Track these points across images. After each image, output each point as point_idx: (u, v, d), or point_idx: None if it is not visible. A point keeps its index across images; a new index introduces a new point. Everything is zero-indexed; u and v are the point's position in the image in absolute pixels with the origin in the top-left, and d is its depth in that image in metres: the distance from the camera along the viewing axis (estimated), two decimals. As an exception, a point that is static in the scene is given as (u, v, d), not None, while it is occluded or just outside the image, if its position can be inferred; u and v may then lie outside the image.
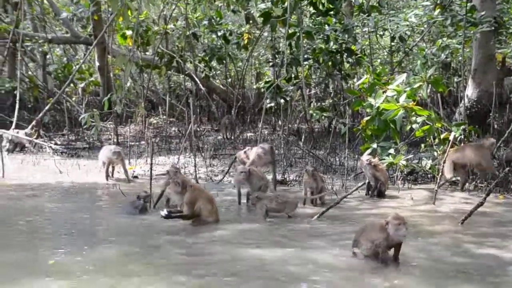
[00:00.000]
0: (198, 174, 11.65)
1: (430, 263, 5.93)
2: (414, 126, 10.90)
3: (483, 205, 7.74)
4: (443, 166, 9.69)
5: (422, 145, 11.84)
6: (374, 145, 10.72)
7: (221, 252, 6.40)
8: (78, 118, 15.44)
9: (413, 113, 10.64)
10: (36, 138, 15.11)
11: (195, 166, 11.08)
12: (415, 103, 10.65)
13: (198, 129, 18.04)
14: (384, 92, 10.88)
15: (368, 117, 11.23)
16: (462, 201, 9.29)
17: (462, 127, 10.72)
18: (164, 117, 17.68)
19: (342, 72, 16.75)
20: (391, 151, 10.65)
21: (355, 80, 19.20)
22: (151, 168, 8.96)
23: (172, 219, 7.62)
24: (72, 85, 19.79)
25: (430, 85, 11.30)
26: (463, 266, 5.76)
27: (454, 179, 10.39)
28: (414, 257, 6.16)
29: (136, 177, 11.61)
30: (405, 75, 11.51)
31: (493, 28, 12.92)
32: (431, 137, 11.00)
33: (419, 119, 10.79)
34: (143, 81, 19.24)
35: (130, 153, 13.97)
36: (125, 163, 11.20)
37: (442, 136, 10.84)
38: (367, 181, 9.89)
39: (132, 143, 15.53)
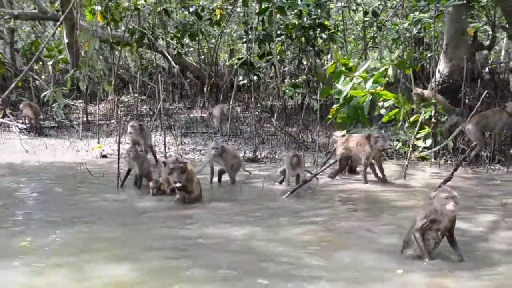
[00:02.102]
0: (169, 152, 11.48)
1: (399, 238, 5.87)
2: (382, 111, 10.87)
3: (452, 180, 7.73)
4: (413, 142, 9.69)
5: (392, 129, 11.85)
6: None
7: (189, 230, 6.28)
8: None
9: (381, 98, 10.61)
10: (2, 117, 14.73)
11: (164, 145, 10.89)
12: (383, 88, 10.61)
13: (170, 107, 17.80)
14: (351, 79, 10.82)
15: (337, 105, 11.18)
16: (432, 175, 9.30)
17: (432, 110, 10.71)
18: (135, 95, 17.38)
19: (316, 48, 16.61)
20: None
21: (328, 56, 19.13)
22: (118, 147, 8.76)
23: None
24: (40, 63, 19.32)
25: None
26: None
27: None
28: (383, 233, 6.11)
29: (105, 156, 11.39)
30: (370, 60, 11.40)
31: (464, 2, 12.86)
32: (402, 119, 10.97)
33: (387, 104, 10.77)
34: (113, 58, 18.84)
35: (100, 132, 13.74)
36: None
37: (411, 119, 10.82)
38: (338, 157, 9.83)
39: (102, 122, 15.27)
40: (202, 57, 20.85)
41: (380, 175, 8.98)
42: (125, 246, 5.68)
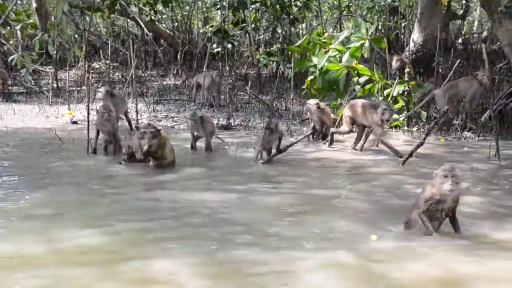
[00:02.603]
0: (141, 119, 11.33)
1: (371, 204, 5.91)
2: (356, 87, 10.86)
3: (425, 146, 7.80)
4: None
5: None
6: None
7: (161, 196, 6.21)
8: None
9: (356, 72, 10.59)
10: (-31, 83, 14.33)
11: (136, 111, 10.72)
12: (358, 61, 10.58)
13: (143, 75, 17.54)
14: (326, 51, 10.74)
15: (312, 77, 11.12)
16: (405, 143, 9.35)
17: (405, 84, 10.74)
18: (107, 62, 17.07)
19: (290, 16, 16.45)
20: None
21: (303, 25, 18.99)
22: (88, 114, 8.58)
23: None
24: (8, 27, 18.75)
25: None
26: (401, 207, 5.76)
27: None
28: (356, 199, 6.13)
29: (75, 122, 11.20)
30: (346, 32, 11.31)
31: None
32: (376, 93, 10.97)
33: (362, 79, 10.75)
34: (84, 24, 18.39)
35: (70, 98, 13.49)
36: None
37: (385, 93, 10.83)
38: (312, 125, 9.82)
39: (73, 89, 14.98)
40: (176, 24, 20.50)
41: (361, 143, 8.95)
42: (94, 212, 5.59)
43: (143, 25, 18.79)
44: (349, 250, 4.52)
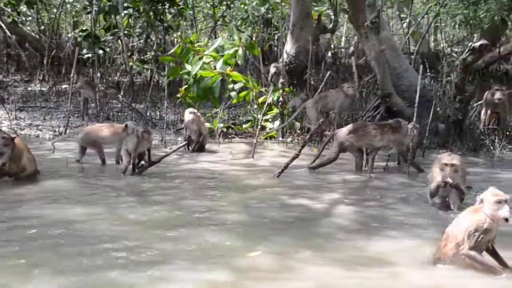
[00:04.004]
0: (1, 127, 10.48)
1: (247, 217, 5.80)
2: (232, 94, 10.83)
3: (299, 158, 7.86)
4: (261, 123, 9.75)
5: (243, 109, 11.93)
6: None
7: (20, 212, 5.66)
8: None
9: (231, 79, 10.57)
10: None
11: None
12: (232, 68, 10.56)
13: (5, 79, 16.32)
14: (200, 58, 10.62)
15: (186, 85, 10.94)
16: (280, 154, 9.43)
17: (280, 91, 10.90)
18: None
19: (164, 23, 16.13)
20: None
21: (178, 33, 18.72)
22: None
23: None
24: None
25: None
26: (278, 219, 5.72)
27: None
28: (231, 212, 5.99)
29: None
30: (220, 39, 11.29)
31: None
32: (251, 101, 11.02)
33: (237, 86, 10.75)
34: None
35: None
36: None
37: (260, 100, 10.91)
38: (186, 135, 9.59)
39: None
40: (42, 27, 19.32)
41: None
42: None
43: (4, 27, 17.51)
44: (225, 268, 4.35)
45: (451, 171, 5.90)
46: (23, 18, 19.50)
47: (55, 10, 19.08)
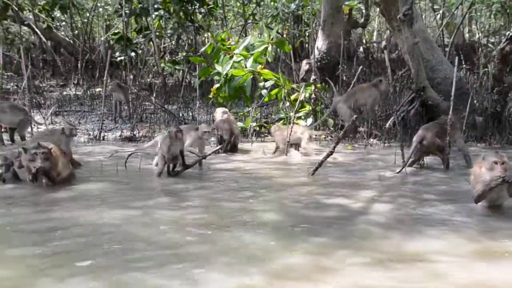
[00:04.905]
0: (37, 131, 10.63)
1: (283, 217, 5.73)
2: (263, 92, 10.78)
3: (333, 156, 7.76)
4: (294, 120, 9.69)
5: (275, 107, 11.86)
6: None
7: (57, 215, 5.71)
8: None
9: (262, 77, 10.51)
10: None
11: (31, 124, 10.03)
12: (263, 66, 10.51)
13: (41, 84, 16.60)
14: (230, 57, 10.59)
15: (218, 85, 10.93)
16: (313, 151, 9.32)
17: (312, 88, 10.77)
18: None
19: (195, 23, 16.18)
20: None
21: (208, 33, 18.78)
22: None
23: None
24: None
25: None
26: (314, 219, 5.63)
27: None
28: (266, 211, 5.93)
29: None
30: (249, 37, 11.23)
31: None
32: (282, 98, 10.94)
33: (268, 84, 10.69)
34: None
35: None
36: None
37: (292, 98, 10.82)
38: (218, 135, 9.56)
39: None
40: (76, 32, 19.61)
41: None
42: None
43: (39, 32, 17.83)
44: (261, 269, 4.29)
45: (502, 169, 5.56)
46: (57, 24, 19.85)
47: (87, 14, 19.35)
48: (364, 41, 20.66)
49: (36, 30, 17.89)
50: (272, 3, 17.11)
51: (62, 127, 7.99)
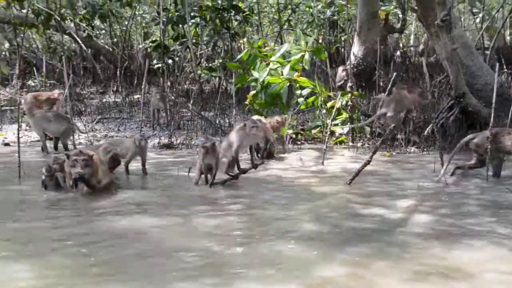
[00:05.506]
0: (79, 139, 10.88)
1: (320, 227, 5.72)
2: (300, 100, 10.77)
3: (371, 164, 7.71)
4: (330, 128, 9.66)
5: (311, 115, 11.85)
6: None
7: (97, 223, 5.83)
8: None
9: (298, 84, 10.51)
10: None
11: (73, 131, 10.25)
12: (299, 74, 10.51)
13: (82, 92, 16.96)
14: (267, 64, 10.62)
15: (254, 92, 10.97)
16: (350, 160, 9.28)
17: (348, 95, 10.71)
18: (42, 79, 16.39)
19: (231, 30, 16.31)
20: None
21: (244, 39, 18.88)
22: (18, 135, 8.09)
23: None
24: None
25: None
26: (352, 229, 5.61)
27: None
28: (303, 221, 5.93)
29: (7, 144, 10.63)
30: (286, 45, 11.23)
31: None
32: (319, 106, 10.92)
33: (304, 91, 10.68)
34: (17, 40, 17.64)
35: (3, 118, 12.88)
36: None
37: (328, 105, 10.79)
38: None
39: (7, 108, 14.34)
40: (115, 40, 19.98)
41: None
42: (29, 243, 5.17)
43: (79, 41, 18.23)
44: (298, 280, 4.29)
45: None
46: (97, 32, 20.26)
47: (126, 23, 19.68)
48: (401, 45, 20.46)
49: (77, 38, 18.30)
50: (307, 9, 17.09)
51: (133, 138, 8.21)
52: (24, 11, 18.41)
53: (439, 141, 8.89)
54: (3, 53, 19.60)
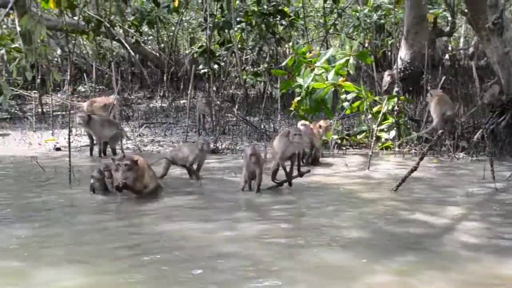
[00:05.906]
0: (126, 144, 11.09)
1: (365, 234, 5.67)
2: (345, 104, 10.70)
3: (417, 170, 7.58)
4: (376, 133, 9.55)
5: (357, 120, 11.75)
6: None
7: (143, 227, 5.93)
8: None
9: (343, 89, 10.43)
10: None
11: (121, 137, 10.45)
12: (344, 79, 10.44)
13: (129, 97, 17.30)
14: (311, 70, 10.59)
15: (299, 97, 10.95)
16: (396, 166, 9.15)
17: (395, 100, 10.56)
18: (92, 85, 16.80)
19: (276, 35, 16.34)
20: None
21: (290, 44, 18.89)
22: (69, 140, 8.31)
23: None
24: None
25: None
26: (398, 236, 5.53)
27: None
28: (349, 228, 5.88)
29: (59, 149, 10.92)
30: (331, 50, 11.17)
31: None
32: (365, 111, 10.81)
33: (350, 96, 10.60)
34: (68, 47, 18.14)
35: (55, 123, 13.25)
36: None
37: (374, 110, 10.67)
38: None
39: (58, 113, 14.75)
40: (162, 45, 20.32)
41: None
42: (77, 247, 5.31)
43: (128, 47, 18.60)
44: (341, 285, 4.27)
45: None
46: (145, 38, 20.64)
47: (173, 28, 19.97)
48: (450, 48, 20.08)
49: (126, 44, 18.67)
50: (353, 13, 16.97)
51: (197, 142, 8.32)
52: (76, 18, 18.98)
53: (489, 147, 8.68)
54: (55, 59, 20.16)
